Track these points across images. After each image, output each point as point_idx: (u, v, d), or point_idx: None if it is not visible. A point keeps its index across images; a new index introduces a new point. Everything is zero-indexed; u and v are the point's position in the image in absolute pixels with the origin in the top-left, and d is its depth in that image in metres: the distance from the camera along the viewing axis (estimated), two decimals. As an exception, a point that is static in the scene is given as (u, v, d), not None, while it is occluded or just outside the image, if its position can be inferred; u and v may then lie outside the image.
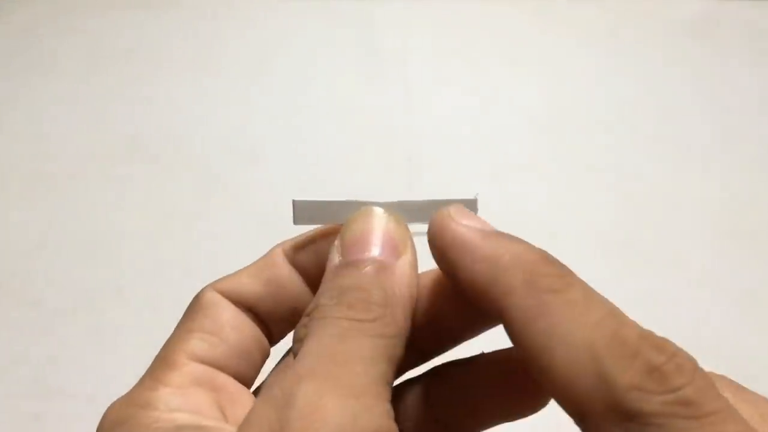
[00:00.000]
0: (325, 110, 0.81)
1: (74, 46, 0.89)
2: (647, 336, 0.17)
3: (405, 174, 0.74)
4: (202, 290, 0.23)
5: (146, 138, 0.77)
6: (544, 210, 0.70)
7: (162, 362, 0.21)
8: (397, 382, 0.22)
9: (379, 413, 0.17)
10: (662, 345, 0.17)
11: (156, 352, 0.22)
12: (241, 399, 0.22)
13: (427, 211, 0.22)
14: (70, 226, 0.68)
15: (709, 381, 0.16)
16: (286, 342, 0.23)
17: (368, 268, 0.20)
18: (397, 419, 0.18)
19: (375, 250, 0.21)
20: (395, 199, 0.22)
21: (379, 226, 0.21)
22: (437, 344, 0.23)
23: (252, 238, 0.65)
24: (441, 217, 0.20)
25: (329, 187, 0.71)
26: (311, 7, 0.95)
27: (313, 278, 0.23)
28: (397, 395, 0.23)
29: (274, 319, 0.24)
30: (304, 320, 0.20)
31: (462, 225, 0.20)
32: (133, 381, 0.22)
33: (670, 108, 0.83)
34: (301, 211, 0.23)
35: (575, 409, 0.16)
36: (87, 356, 0.58)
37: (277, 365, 0.23)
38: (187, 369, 0.21)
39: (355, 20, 0.93)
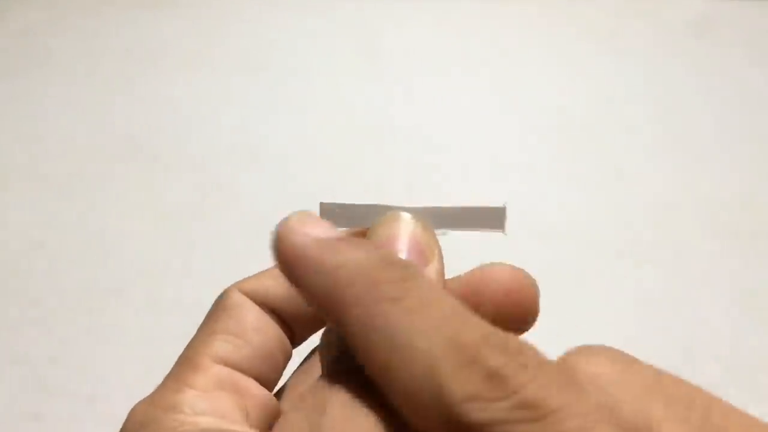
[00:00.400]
0: (325, 110, 0.81)
1: (74, 46, 0.89)
2: (489, 336, 0.15)
3: (405, 174, 0.74)
4: (227, 290, 0.23)
5: (146, 138, 0.77)
6: (545, 210, 0.70)
7: (186, 364, 0.21)
8: None
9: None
10: (505, 344, 0.15)
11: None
12: (264, 402, 0.21)
13: (456, 217, 0.22)
14: (70, 226, 0.68)
15: (555, 375, 0.15)
16: (308, 344, 0.23)
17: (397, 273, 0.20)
18: None
19: (402, 256, 0.20)
20: (423, 205, 0.22)
21: (405, 232, 0.21)
22: None
23: (252, 238, 0.65)
24: (280, 225, 0.19)
25: (329, 187, 0.71)
26: (311, 7, 0.95)
27: None
28: None
29: (297, 322, 0.23)
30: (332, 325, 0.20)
31: (300, 234, 0.19)
32: (132, 381, 0.22)
33: (670, 107, 0.83)
34: (327, 214, 0.22)
35: (419, 429, 0.15)
36: (87, 356, 0.58)
37: (299, 367, 0.23)
38: (212, 371, 0.21)
39: (355, 20, 0.93)
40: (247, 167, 0.74)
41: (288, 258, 0.18)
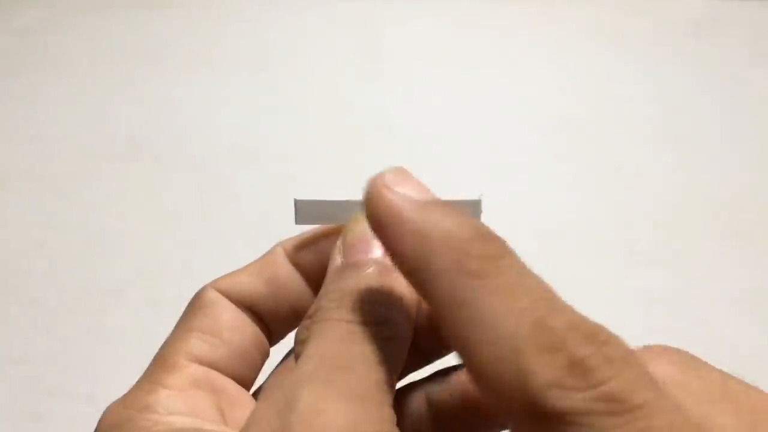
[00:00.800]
0: (325, 110, 0.81)
1: (74, 46, 0.89)
2: (577, 324, 0.15)
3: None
4: (202, 289, 0.23)
5: (146, 137, 0.77)
6: (545, 210, 0.70)
7: (161, 363, 0.21)
8: (400, 384, 0.21)
9: (380, 418, 0.17)
10: (592, 334, 0.15)
11: (156, 353, 0.22)
12: (241, 401, 0.21)
13: None
14: (70, 226, 0.68)
15: (639, 371, 0.14)
16: (286, 342, 0.23)
17: (371, 270, 0.20)
18: (399, 423, 0.18)
19: (377, 251, 0.20)
20: None
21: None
22: (440, 347, 0.23)
23: (252, 238, 0.65)
24: (374, 183, 0.18)
25: (329, 187, 0.71)
26: (311, 7, 0.95)
27: (315, 278, 0.23)
28: (400, 398, 0.22)
29: (274, 319, 0.23)
30: (305, 322, 0.20)
31: (395, 193, 0.18)
32: (133, 381, 0.22)
33: (670, 107, 0.83)
34: (303, 210, 0.22)
35: (498, 410, 0.15)
36: (87, 356, 0.58)
37: (277, 367, 0.23)
38: (187, 371, 0.21)
39: (355, 20, 0.93)
40: (247, 167, 0.74)
41: (382, 217, 0.18)
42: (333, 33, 0.91)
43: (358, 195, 0.22)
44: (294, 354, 0.20)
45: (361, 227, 0.21)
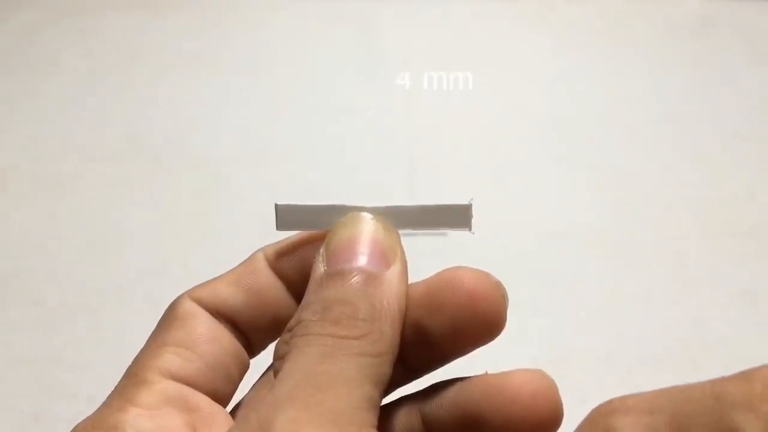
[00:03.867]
0: (325, 110, 0.81)
1: (75, 47, 0.89)
2: None
3: (405, 174, 0.74)
4: (178, 299, 0.22)
5: (147, 138, 0.77)
6: (544, 210, 0.70)
7: (132, 379, 0.20)
8: (387, 400, 0.21)
9: None
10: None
11: (128, 367, 0.21)
12: (216, 419, 0.20)
13: (420, 217, 0.21)
14: (70, 226, 0.68)
15: None
16: (267, 354, 0.22)
17: (354, 279, 0.19)
18: None
19: (362, 259, 0.19)
20: (386, 204, 0.21)
21: (366, 233, 0.20)
22: (429, 360, 0.21)
23: (252, 238, 0.65)
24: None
25: (329, 187, 0.71)
26: (312, 8, 0.95)
27: (297, 286, 0.22)
28: (391, 413, 0.21)
29: (254, 330, 0.22)
30: (285, 336, 0.19)
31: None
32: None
33: (669, 108, 0.83)
34: (285, 215, 0.21)
35: None
36: (87, 356, 0.58)
37: (256, 382, 0.22)
38: (159, 387, 0.19)
39: (355, 20, 0.93)
40: (247, 167, 0.74)
41: None
42: (333, 33, 0.91)
43: (342, 199, 0.20)
44: (273, 370, 0.19)
45: (345, 233, 0.20)
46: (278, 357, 0.19)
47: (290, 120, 0.80)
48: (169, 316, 0.22)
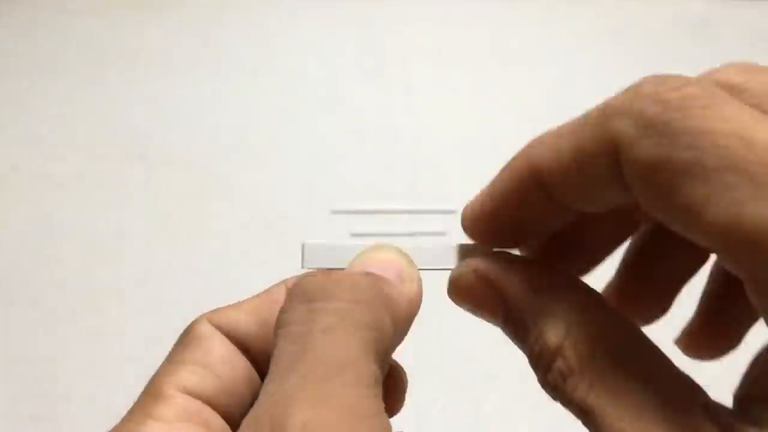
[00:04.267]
0: (325, 110, 0.81)
1: (75, 47, 0.89)
2: None
3: (405, 174, 0.74)
4: (196, 320, 0.22)
5: (147, 138, 0.77)
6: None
7: (151, 394, 0.21)
8: None
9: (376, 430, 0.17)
10: None
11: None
12: None
13: (443, 256, 0.21)
14: (70, 226, 0.68)
15: None
16: None
17: (361, 276, 0.20)
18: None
19: (376, 270, 0.20)
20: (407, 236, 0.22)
21: (387, 253, 0.21)
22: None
23: (252, 239, 0.65)
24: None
25: (329, 187, 0.71)
26: (311, 8, 0.95)
27: None
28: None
29: (267, 359, 0.22)
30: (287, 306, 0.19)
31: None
32: (133, 382, 0.22)
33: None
34: (312, 254, 0.22)
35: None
36: (87, 356, 0.58)
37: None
38: (176, 401, 0.20)
39: (355, 20, 0.93)
40: (247, 168, 0.74)
41: None
42: (333, 33, 0.91)
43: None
44: (274, 334, 0.19)
45: (366, 255, 0.21)
46: (280, 327, 0.19)
47: (290, 120, 0.80)
48: (187, 336, 0.22)
